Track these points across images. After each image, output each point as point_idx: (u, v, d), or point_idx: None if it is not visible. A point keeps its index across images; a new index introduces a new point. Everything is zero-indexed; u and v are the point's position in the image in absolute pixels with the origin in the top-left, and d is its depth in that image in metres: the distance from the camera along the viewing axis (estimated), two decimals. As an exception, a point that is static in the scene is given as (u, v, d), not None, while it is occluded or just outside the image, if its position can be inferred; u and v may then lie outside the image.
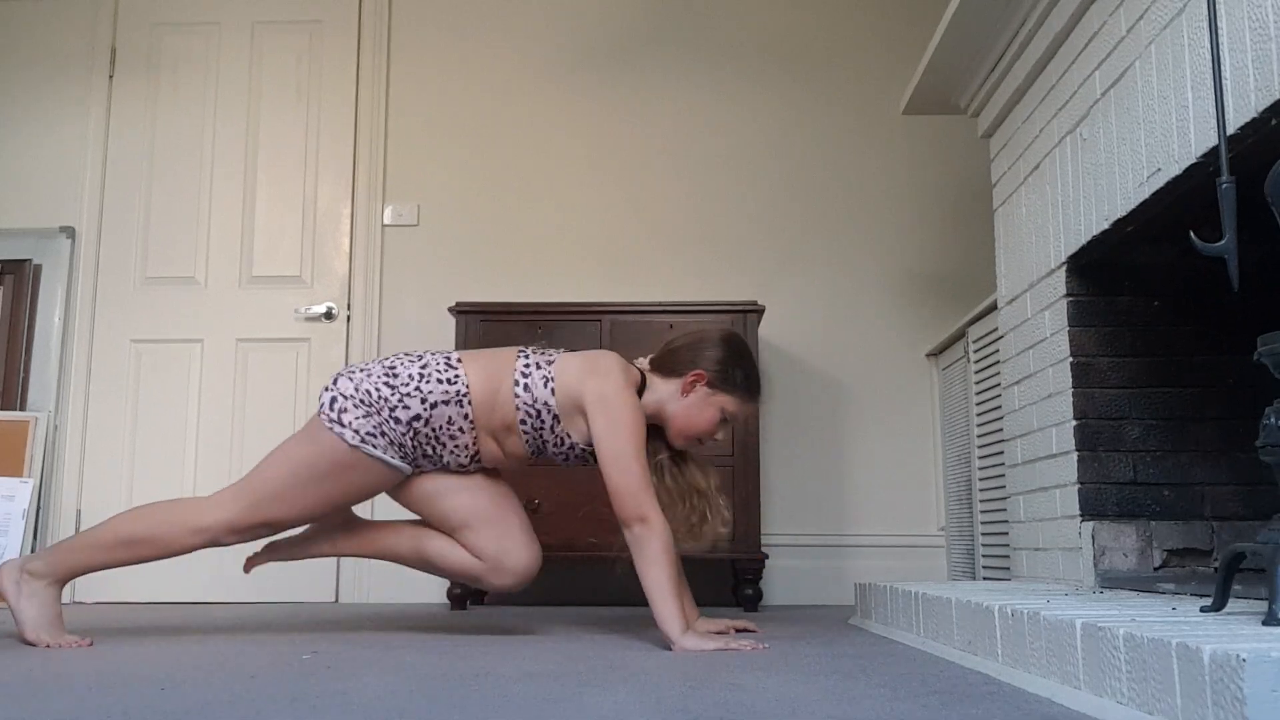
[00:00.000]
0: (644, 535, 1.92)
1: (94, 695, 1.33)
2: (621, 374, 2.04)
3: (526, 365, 2.08)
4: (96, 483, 3.63)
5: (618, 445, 1.96)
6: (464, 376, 2.06)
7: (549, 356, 2.11)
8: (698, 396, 2.08)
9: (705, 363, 2.09)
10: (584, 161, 3.77)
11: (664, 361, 2.14)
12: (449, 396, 2.04)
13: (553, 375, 2.06)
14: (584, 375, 2.04)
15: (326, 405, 2.04)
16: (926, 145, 3.68)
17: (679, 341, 2.17)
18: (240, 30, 3.91)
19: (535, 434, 2.08)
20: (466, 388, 2.05)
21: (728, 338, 2.16)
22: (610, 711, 1.19)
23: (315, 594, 3.51)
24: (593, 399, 2.00)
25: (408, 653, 1.86)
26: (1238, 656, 0.94)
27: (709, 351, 2.11)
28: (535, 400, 2.05)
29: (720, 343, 2.12)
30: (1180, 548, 2.16)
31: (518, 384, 2.06)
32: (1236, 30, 1.56)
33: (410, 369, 2.07)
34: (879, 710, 1.20)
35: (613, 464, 1.96)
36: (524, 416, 2.06)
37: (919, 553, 3.50)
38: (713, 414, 2.08)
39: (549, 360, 2.10)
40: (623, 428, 1.97)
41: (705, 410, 2.08)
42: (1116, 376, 2.25)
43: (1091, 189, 2.12)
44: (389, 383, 2.04)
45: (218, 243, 3.79)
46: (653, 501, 1.94)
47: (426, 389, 2.04)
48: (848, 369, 3.60)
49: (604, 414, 1.99)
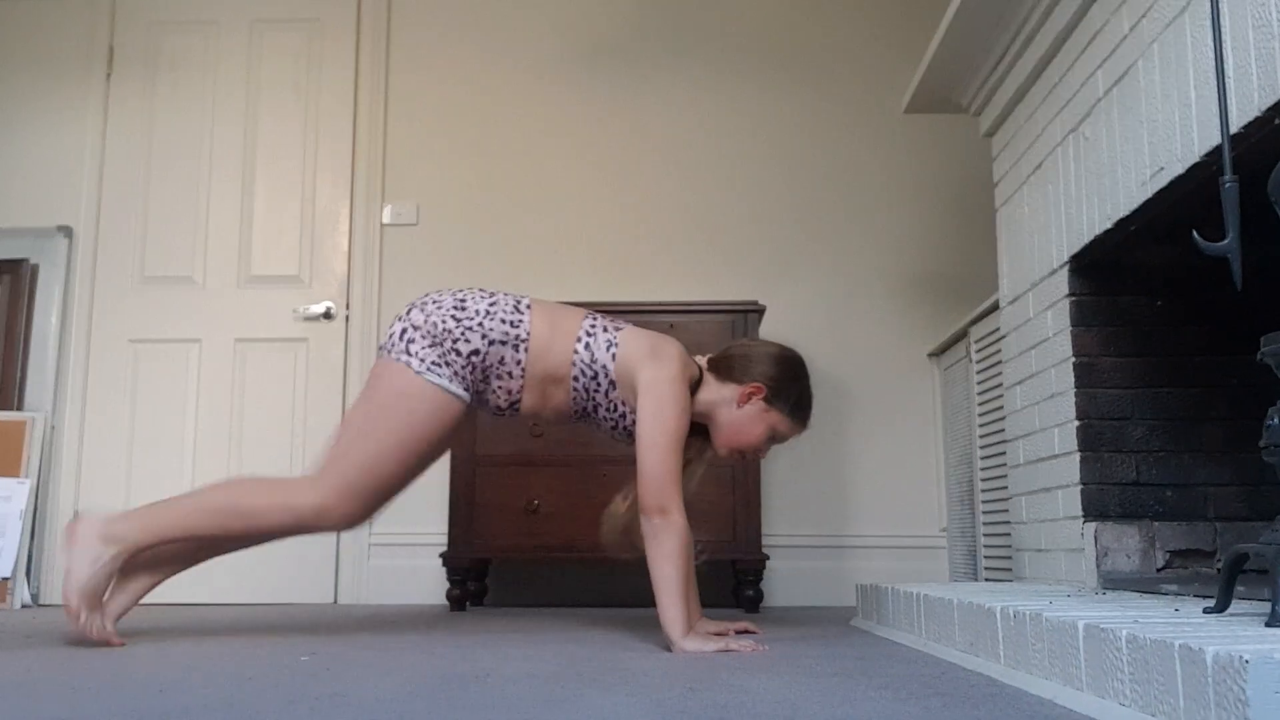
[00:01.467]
0: (662, 528, 1.92)
1: (92, 696, 1.32)
2: (680, 364, 2.05)
3: (593, 326, 2.10)
4: (94, 483, 3.63)
5: (657, 432, 1.97)
6: (527, 322, 2.08)
7: (618, 325, 2.14)
8: (753, 409, 2.10)
9: (766, 377, 2.11)
10: (584, 161, 3.77)
11: (723, 364, 2.15)
12: (508, 338, 2.06)
13: (617, 342, 2.08)
14: (644, 356, 2.05)
15: (396, 336, 2.06)
16: (928, 144, 3.67)
17: (741, 349, 2.18)
18: (238, 29, 3.90)
19: (586, 394, 2.09)
20: (528, 334, 2.07)
21: (792, 357, 2.17)
22: (610, 712, 1.18)
23: (314, 595, 3.50)
24: (646, 381, 2.01)
25: (407, 653, 1.85)
26: (1240, 658, 0.93)
27: (772, 368, 2.12)
28: (594, 360, 2.06)
29: (784, 360, 2.14)
30: (1183, 549, 2.15)
31: (580, 340, 2.08)
32: (1239, 28, 1.55)
33: (479, 304, 2.09)
34: (880, 712, 1.19)
35: (648, 449, 1.96)
36: (578, 374, 2.07)
37: (920, 554, 3.49)
38: (763, 430, 2.10)
39: (617, 328, 2.12)
40: (666, 417, 1.98)
41: (757, 424, 2.10)
42: (1119, 377, 2.24)
43: (1094, 188, 2.12)
44: (455, 315, 2.07)
45: (216, 242, 3.78)
46: (678, 497, 1.95)
47: (489, 325, 2.06)
48: (849, 369, 3.60)
49: (653, 399, 1.99)
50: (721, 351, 2.19)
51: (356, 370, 3.64)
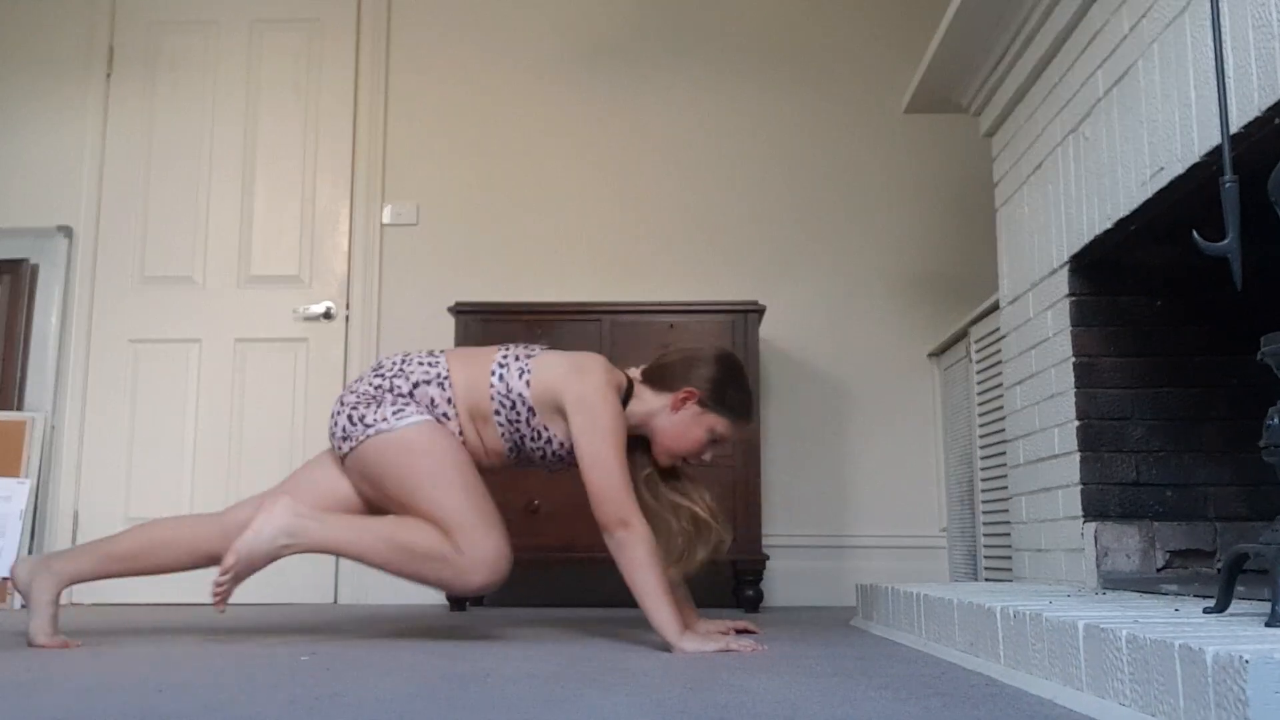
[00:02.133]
0: (627, 540, 1.90)
1: (92, 697, 1.32)
2: (604, 375, 2.03)
3: (504, 357, 2.10)
4: (94, 483, 3.63)
5: (596, 447, 1.95)
6: (444, 363, 2.10)
7: (530, 351, 2.12)
8: (687, 414, 2.06)
9: (698, 381, 2.06)
10: (584, 161, 3.76)
11: (656, 374, 2.11)
12: (430, 377, 2.07)
13: (529, 368, 2.07)
14: (565, 374, 2.03)
15: (348, 424, 2.05)
16: (928, 144, 3.67)
17: (672, 356, 2.14)
18: (238, 29, 3.90)
19: (511, 427, 2.08)
20: (447, 371, 2.08)
21: (723, 357, 2.12)
22: (610, 713, 1.18)
23: (314, 595, 3.50)
24: (572, 398, 2.00)
25: (407, 654, 1.85)
26: (1240, 658, 0.93)
27: (703, 370, 2.07)
28: (510, 390, 2.05)
29: (715, 361, 2.09)
30: (1183, 549, 2.15)
31: (494, 373, 2.07)
32: (1239, 28, 1.55)
33: (394, 359, 2.14)
34: (880, 712, 1.19)
35: (591, 466, 1.95)
36: (498, 407, 2.07)
37: (920, 554, 3.49)
38: (700, 434, 2.06)
39: (529, 355, 2.10)
40: (602, 430, 1.96)
41: (693, 429, 2.06)
42: (1119, 377, 2.24)
43: (1094, 188, 2.12)
44: (378, 373, 2.11)
45: (216, 242, 3.78)
46: (634, 506, 1.93)
47: (408, 369, 2.09)
48: (849, 369, 3.60)
49: (583, 414, 1.98)
50: (652, 362, 2.15)
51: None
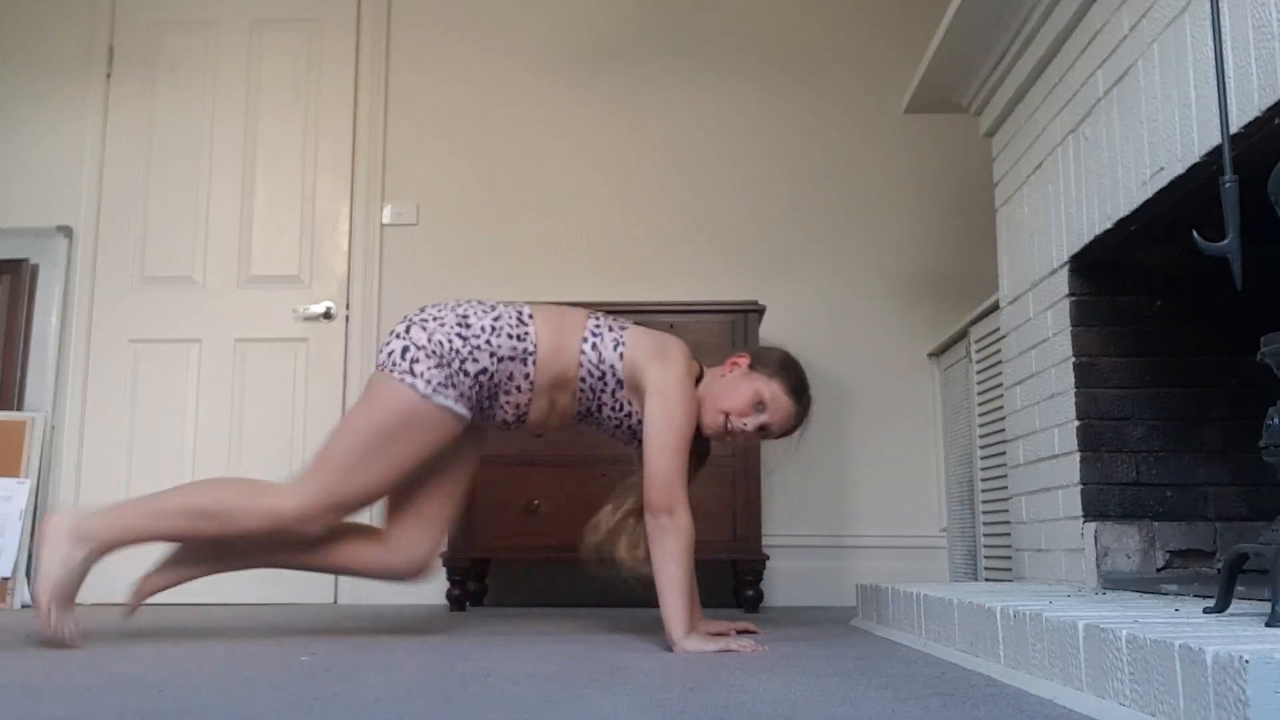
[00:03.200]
0: (669, 528, 1.92)
1: (91, 697, 1.32)
2: (685, 363, 2.07)
3: (598, 326, 2.10)
4: (94, 483, 3.62)
5: (665, 433, 1.97)
6: (533, 334, 2.07)
7: (622, 324, 2.13)
8: (736, 374, 2.10)
9: (750, 348, 2.19)
10: (584, 161, 3.76)
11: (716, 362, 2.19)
12: (516, 353, 2.05)
13: (624, 341, 2.08)
14: (651, 356, 2.05)
15: (398, 354, 2.01)
16: (928, 144, 3.67)
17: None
18: (238, 29, 3.90)
19: (592, 395, 2.09)
20: (535, 345, 2.06)
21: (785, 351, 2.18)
22: (610, 713, 1.18)
23: (313, 595, 3.50)
24: (654, 383, 2.01)
25: (406, 654, 1.85)
26: (1241, 658, 0.93)
27: (761, 348, 2.20)
28: (602, 360, 2.06)
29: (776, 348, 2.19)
30: (1183, 549, 2.15)
31: (585, 341, 2.07)
32: (1239, 29, 1.55)
33: (483, 320, 2.06)
34: (880, 712, 1.19)
35: (657, 449, 1.96)
36: (585, 374, 2.07)
37: (921, 554, 3.49)
38: (747, 392, 2.06)
39: (622, 328, 2.12)
40: (674, 418, 1.98)
41: (741, 386, 2.07)
42: (1119, 377, 2.24)
43: (1094, 188, 2.12)
44: (461, 334, 2.03)
45: (216, 242, 3.78)
46: (684, 497, 1.95)
47: (496, 342, 2.04)
48: (849, 369, 3.60)
49: (661, 399, 1.99)
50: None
51: (356, 370, 3.64)
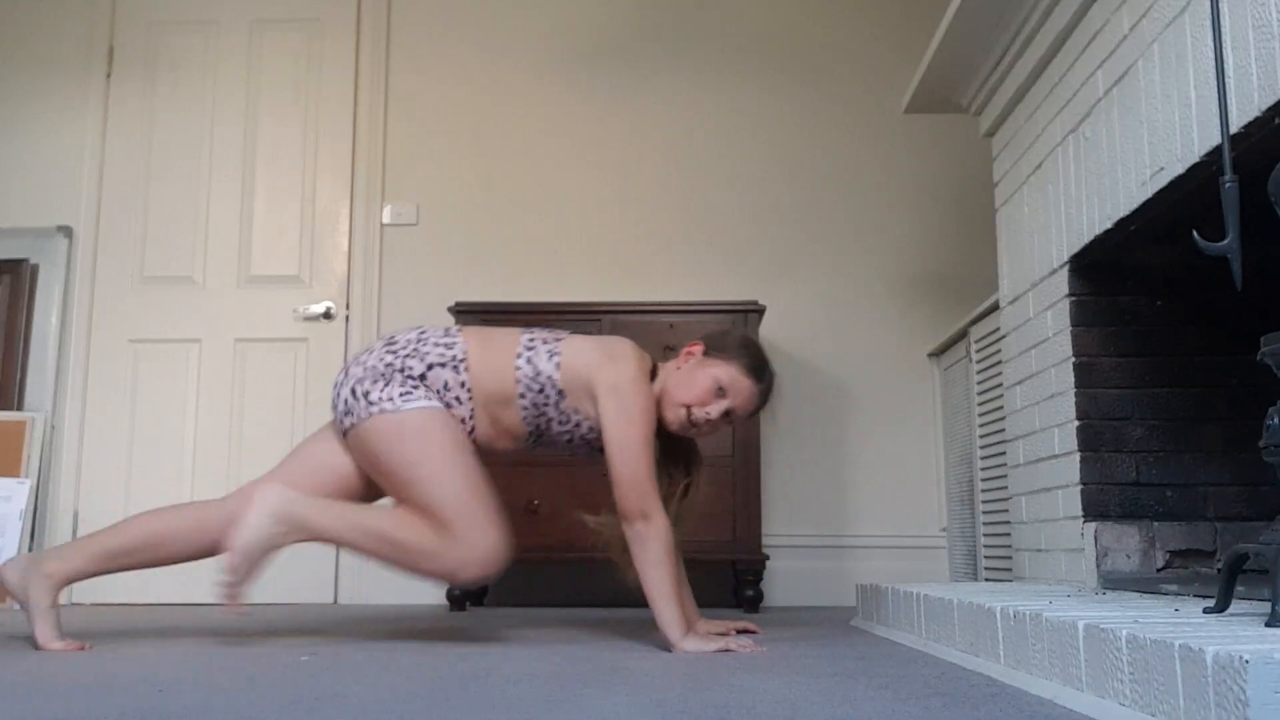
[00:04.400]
0: (646, 534, 1.90)
1: (92, 697, 1.32)
2: (636, 361, 2.01)
3: (531, 340, 2.06)
4: (94, 483, 3.63)
5: (626, 436, 1.93)
6: (461, 344, 2.04)
7: (557, 335, 2.09)
8: (691, 365, 2.04)
9: (705, 336, 2.09)
10: (584, 161, 3.77)
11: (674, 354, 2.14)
12: (445, 359, 2.01)
13: (559, 351, 2.03)
14: (598, 360, 2.00)
15: (350, 399, 1.99)
16: (928, 144, 3.67)
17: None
18: (238, 29, 3.90)
19: (536, 410, 2.04)
20: (464, 354, 2.03)
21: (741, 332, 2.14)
22: (610, 713, 1.18)
23: (314, 595, 3.50)
24: (605, 385, 1.97)
25: (407, 654, 1.85)
26: (1241, 658, 0.93)
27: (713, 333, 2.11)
28: (538, 374, 2.01)
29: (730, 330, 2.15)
30: (1183, 549, 2.15)
31: (520, 356, 2.03)
32: (1239, 29, 1.55)
33: (408, 335, 2.07)
34: (880, 712, 1.19)
35: (619, 453, 1.92)
36: (524, 390, 2.02)
37: (921, 554, 3.49)
38: (706, 382, 2.00)
39: (556, 338, 2.07)
40: (633, 418, 1.94)
41: (698, 376, 2.01)
42: (1119, 377, 2.24)
43: (1094, 188, 2.12)
44: (390, 349, 2.03)
45: (216, 242, 3.78)
46: (656, 498, 1.92)
47: (424, 349, 2.02)
48: (849, 369, 3.60)
49: (616, 401, 1.95)
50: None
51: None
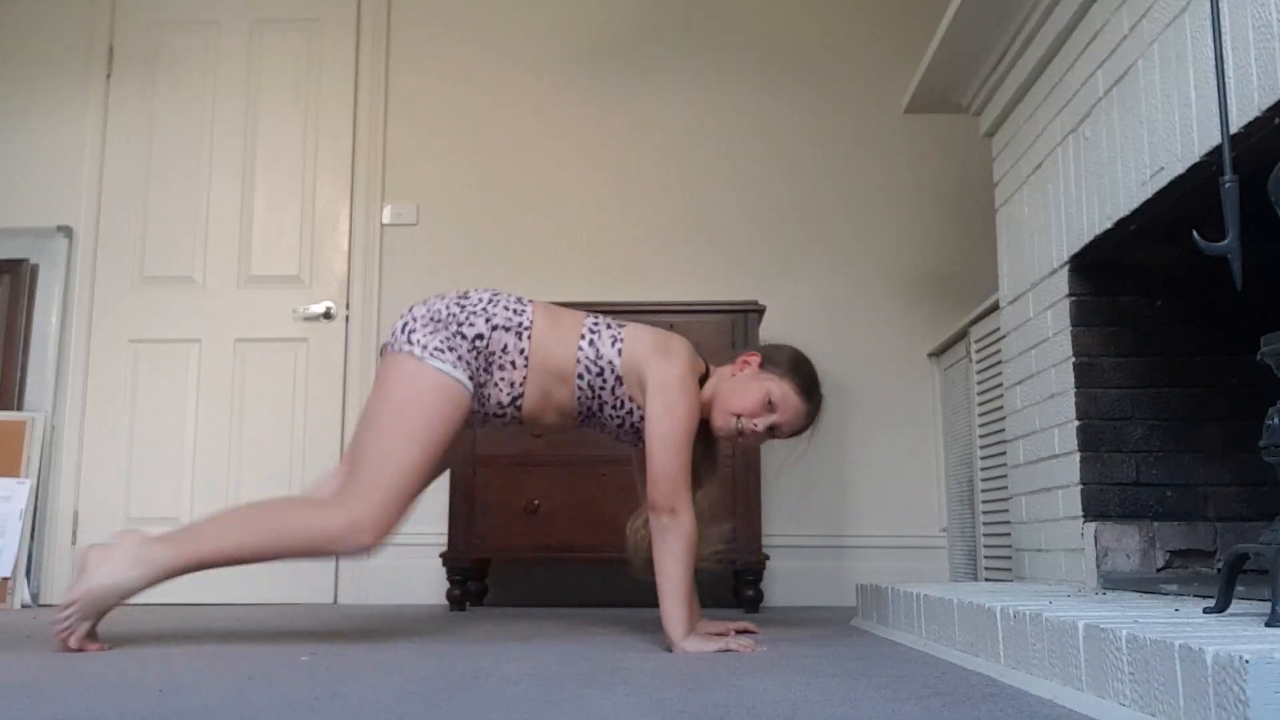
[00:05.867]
0: (671, 527, 1.92)
1: (92, 697, 1.32)
2: (688, 361, 2.05)
3: (595, 324, 2.10)
4: (94, 483, 3.63)
5: (668, 430, 1.96)
6: (530, 313, 2.09)
7: (621, 323, 2.13)
8: (746, 374, 2.09)
9: (760, 347, 2.17)
10: (584, 161, 3.77)
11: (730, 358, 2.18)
12: (511, 324, 2.06)
13: (622, 338, 2.08)
14: (653, 352, 2.04)
15: (399, 330, 2.05)
16: (928, 144, 3.67)
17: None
18: (238, 29, 3.90)
19: (592, 392, 2.07)
20: (530, 322, 2.07)
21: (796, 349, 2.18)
22: (610, 712, 1.18)
23: (313, 595, 3.50)
24: (656, 379, 2.01)
25: (406, 654, 1.85)
26: (1241, 658, 0.93)
27: (770, 346, 2.18)
28: (600, 357, 2.06)
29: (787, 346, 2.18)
30: (1183, 549, 2.15)
31: (583, 338, 2.07)
32: (1239, 29, 1.55)
33: (482, 295, 2.11)
34: (880, 712, 1.19)
35: (660, 448, 1.95)
36: (583, 370, 2.06)
37: (921, 554, 3.49)
38: (758, 394, 2.06)
39: (620, 325, 2.12)
40: (677, 415, 1.97)
41: (751, 387, 2.06)
42: (1119, 377, 2.24)
43: (1094, 188, 2.12)
44: (459, 303, 2.08)
45: (216, 242, 3.78)
46: (688, 495, 1.94)
47: (493, 310, 2.07)
48: (849, 369, 3.59)
49: (663, 396, 1.99)
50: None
51: (356, 370, 3.64)
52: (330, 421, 3.61)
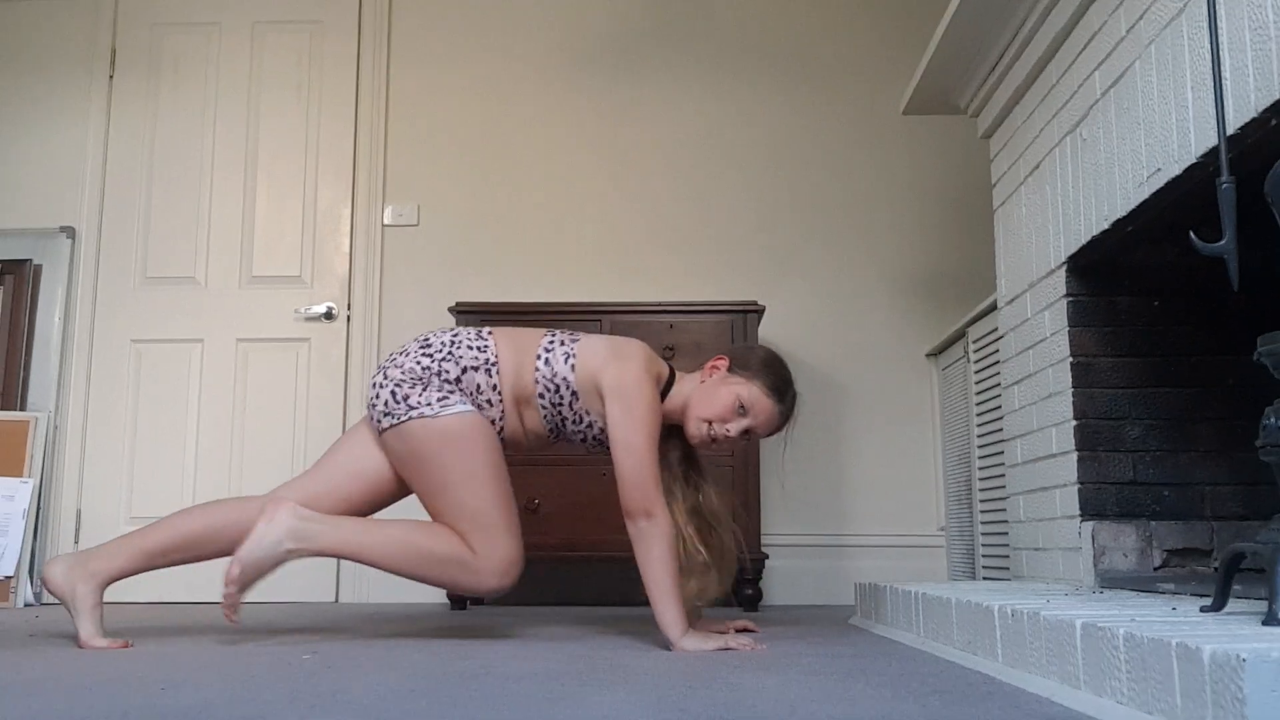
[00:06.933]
0: (649, 531, 1.91)
1: (93, 696, 1.32)
2: (643, 362, 2.03)
3: (550, 342, 2.10)
4: (96, 483, 3.63)
5: (629, 434, 1.95)
6: (493, 346, 2.09)
7: (574, 336, 2.13)
8: (715, 379, 2.07)
9: (728, 351, 2.14)
10: (584, 161, 3.77)
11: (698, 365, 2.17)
12: (479, 363, 2.06)
13: (574, 353, 2.07)
14: (606, 359, 2.04)
15: (390, 401, 2.03)
16: (926, 145, 3.68)
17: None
18: (240, 30, 3.91)
19: (554, 410, 2.09)
20: (496, 357, 2.08)
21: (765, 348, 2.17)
22: (610, 711, 1.19)
23: (315, 594, 3.51)
24: (610, 384, 2.00)
25: (408, 652, 1.86)
26: (1238, 656, 0.94)
27: (738, 348, 2.14)
28: (555, 375, 2.06)
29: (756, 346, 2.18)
30: (1180, 548, 2.16)
31: (540, 358, 2.08)
32: (1236, 30, 1.56)
33: (442, 338, 2.11)
34: (879, 710, 1.19)
35: (625, 453, 1.94)
36: (542, 390, 2.07)
37: (919, 553, 3.50)
38: (729, 399, 2.03)
39: (574, 339, 2.11)
40: (636, 416, 1.96)
41: (721, 393, 2.04)
42: (1116, 376, 2.25)
43: (1091, 189, 2.12)
44: (426, 353, 2.07)
45: (218, 243, 3.79)
46: (660, 496, 1.93)
47: (459, 353, 2.07)
48: (848, 369, 3.60)
49: (619, 400, 1.98)
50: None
51: (357, 370, 3.65)
52: (331, 421, 3.61)
